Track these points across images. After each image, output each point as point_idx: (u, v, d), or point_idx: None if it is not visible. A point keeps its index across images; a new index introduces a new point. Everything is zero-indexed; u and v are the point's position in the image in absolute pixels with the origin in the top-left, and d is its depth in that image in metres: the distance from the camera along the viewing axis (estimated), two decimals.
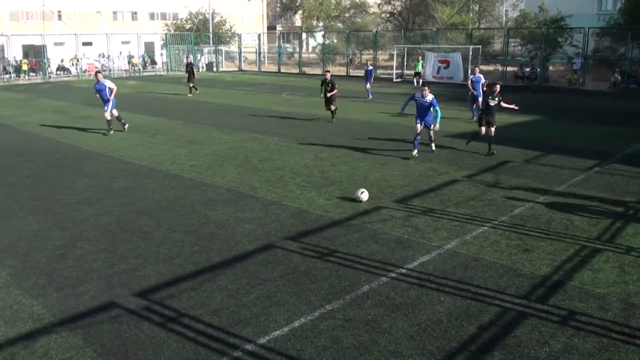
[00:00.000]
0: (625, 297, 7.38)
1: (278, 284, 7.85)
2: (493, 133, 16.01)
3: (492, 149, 15.97)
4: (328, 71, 22.78)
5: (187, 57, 41.08)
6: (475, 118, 21.48)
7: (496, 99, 15.96)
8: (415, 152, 15.73)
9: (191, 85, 32.84)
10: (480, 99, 20.99)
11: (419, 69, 39.23)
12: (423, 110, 15.54)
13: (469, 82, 22.97)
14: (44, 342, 6.43)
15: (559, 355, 6.06)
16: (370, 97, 30.52)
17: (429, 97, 15.32)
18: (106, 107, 19.51)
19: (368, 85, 30.85)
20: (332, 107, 21.90)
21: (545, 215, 10.65)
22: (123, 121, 20.09)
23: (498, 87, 16.17)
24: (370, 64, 32.81)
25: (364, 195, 11.49)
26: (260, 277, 8.06)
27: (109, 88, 19.44)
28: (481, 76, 22.28)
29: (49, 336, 6.56)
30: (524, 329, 6.57)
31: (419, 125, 15.67)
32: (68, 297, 7.51)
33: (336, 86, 22.00)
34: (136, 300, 7.43)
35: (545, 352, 6.11)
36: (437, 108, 15.37)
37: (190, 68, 33.19)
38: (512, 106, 16.46)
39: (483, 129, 16.04)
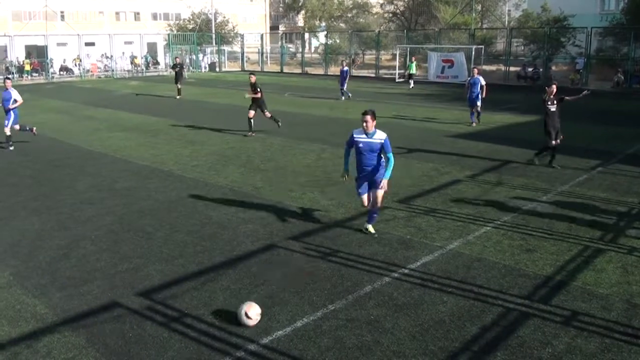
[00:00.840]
0: (628, 297, 7.36)
1: (280, 284, 7.85)
2: (559, 142, 14.31)
3: (554, 162, 14.44)
4: (253, 74, 20.29)
5: (176, 57, 40.20)
6: (474, 124, 21.03)
7: (555, 101, 14.23)
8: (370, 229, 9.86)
9: (179, 86, 31.57)
10: (479, 103, 20.78)
11: (413, 69, 37.91)
12: (367, 161, 9.42)
13: (466, 83, 21.78)
14: (46, 342, 6.43)
15: (562, 356, 6.05)
16: (348, 96, 30.00)
17: (379, 135, 9.37)
18: (7, 121, 17.50)
19: (345, 87, 30.22)
20: (267, 114, 19.79)
21: (548, 216, 10.64)
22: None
23: (554, 88, 14.38)
24: (346, 64, 32.20)
25: (253, 313, 6.68)
26: (262, 277, 8.06)
27: (14, 99, 17.63)
28: (480, 77, 21.04)
29: (51, 336, 6.56)
30: (526, 330, 6.56)
31: (364, 197, 9.61)
32: (71, 297, 7.52)
33: (259, 89, 19.43)
34: (139, 300, 7.44)
35: (548, 353, 6.10)
36: (390, 155, 9.35)
37: (179, 68, 31.97)
38: (582, 95, 15.18)
39: (554, 142, 14.25)
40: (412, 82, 36.77)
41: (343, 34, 58.80)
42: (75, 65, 50.45)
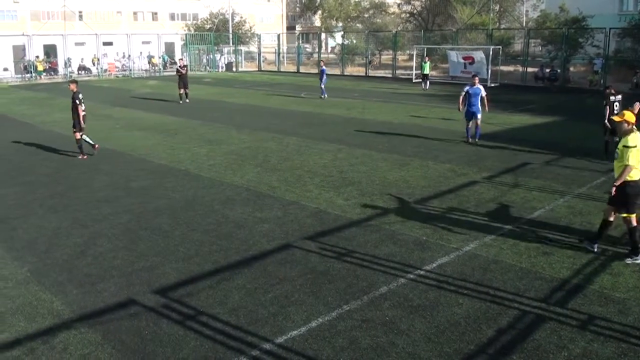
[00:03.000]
0: None
1: (296, 283, 7.85)
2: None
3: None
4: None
5: (180, 58, 35.94)
6: (475, 140, 17.70)
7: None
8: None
9: (181, 91, 29.21)
10: (479, 116, 17.51)
11: (426, 70, 36.36)
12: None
13: (462, 94, 17.81)
14: (63, 338, 6.49)
15: None
16: (325, 96, 30.66)
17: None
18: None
19: (323, 85, 30.96)
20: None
21: (565, 218, 10.55)
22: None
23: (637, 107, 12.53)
24: (323, 64, 32.76)
25: None
26: (278, 277, 8.08)
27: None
28: (481, 87, 17.73)
29: (68, 332, 6.62)
30: (542, 333, 6.51)
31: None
32: (87, 294, 7.58)
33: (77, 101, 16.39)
34: (155, 297, 7.48)
35: (564, 357, 6.05)
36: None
37: (185, 71, 29.50)
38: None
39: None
40: (427, 82, 36.09)
41: (360, 34, 58.69)
42: (93, 64, 50.82)
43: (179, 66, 29.99)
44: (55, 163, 15.42)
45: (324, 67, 31.70)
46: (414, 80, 41.45)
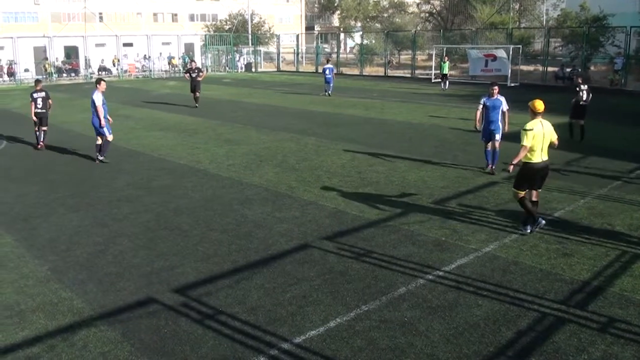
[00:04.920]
0: None
1: (314, 283, 7.86)
2: None
3: None
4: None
5: (192, 60, 33.62)
6: (492, 167, 13.87)
7: None
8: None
9: (196, 94, 27.46)
10: (497, 136, 13.66)
11: (445, 70, 35.97)
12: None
13: (480, 106, 13.85)
14: (83, 336, 6.56)
15: None
16: (327, 94, 32.60)
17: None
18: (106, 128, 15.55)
19: (330, 83, 32.87)
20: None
21: (585, 219, 10.46)
22: None
23: None
24: (327, 62, 34.81)
25: None
26: (296, 277, 8.09)
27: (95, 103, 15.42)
28: (502, 100, 13.66)
29: (88, 330, 6.68)
30: (562, 335, 6.46)
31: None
32: (107, 292, 7.65)
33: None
34: (174, 296, 7.53)
35: (584, 359, 6.00)
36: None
37: (196, 74, 27.33)
38: None
39: None
40: (447, 82, 35.79)
41: (378, 34, 58.59)
42: (114, 65, 51.26)
43: (190, 68, 28.34)
44: (77, 162, 15.58)
45: (327, 66, 33.32)
46: (433, 80, 41.27)
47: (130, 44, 53.13)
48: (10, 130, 21.19)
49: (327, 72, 32.77)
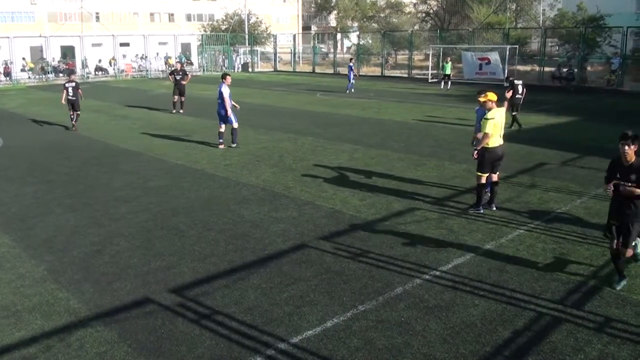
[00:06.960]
0: None
1: (311, 283, 7.86)
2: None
3: None
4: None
5: (176, 62, 32.67)
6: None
7: None
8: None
9: (176, 99, 25.73)
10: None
11: (448, 70, 36.62)
12: None
13: (476, 117, 12.09)
14: (79, 336, 6.55)
15: None
16: (348, 92, 33.84)
17: None
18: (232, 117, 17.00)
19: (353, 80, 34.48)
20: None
21: (582, 219, 10.47)
22: None
23: None
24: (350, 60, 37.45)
25: None
26: (293, 277, 8.09)
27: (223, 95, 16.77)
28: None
29: (84, 330, 6.67)
30: (559, 335, 6.47)
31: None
32: (104, 292, 7.64)
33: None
34: (171, 296, 7.52)
35: (580, 359, 6.01)
36: None
37: (180, 76, 25.73)
38: None
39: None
40: (449, 83, 36.11)
41: (375, 34, 58.60)
42: (110, 65, 51.20)
43: (174, 69, 26.58)
44: (74, 162, 15.55)
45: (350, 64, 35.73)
46: (430, 80, 41.32)
47: (127, 44, 53.10)
48: (8, 130, 21.17)
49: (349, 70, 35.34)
